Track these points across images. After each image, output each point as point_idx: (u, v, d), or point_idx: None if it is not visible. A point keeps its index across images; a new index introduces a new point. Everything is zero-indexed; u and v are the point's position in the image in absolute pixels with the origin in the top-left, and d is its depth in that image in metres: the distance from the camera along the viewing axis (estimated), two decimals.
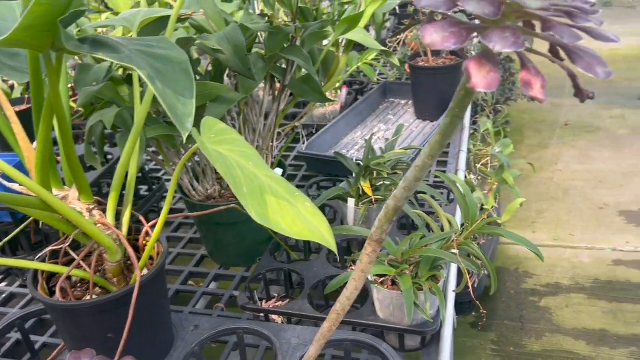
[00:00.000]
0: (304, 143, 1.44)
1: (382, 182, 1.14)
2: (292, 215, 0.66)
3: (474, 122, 1.99)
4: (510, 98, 2.92)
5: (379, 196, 1.11)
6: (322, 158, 1.44)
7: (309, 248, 1.13)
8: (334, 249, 0.63)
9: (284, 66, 1.07)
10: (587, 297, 2.20)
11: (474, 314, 2.17)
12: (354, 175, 1.13)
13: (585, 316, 2.10)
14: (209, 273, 1.16)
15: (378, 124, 1.82)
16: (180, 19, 0.93)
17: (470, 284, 0.89)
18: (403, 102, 1.96)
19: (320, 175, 1.47)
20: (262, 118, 1.09)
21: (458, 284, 1.02)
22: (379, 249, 0.62)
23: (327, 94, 1.77)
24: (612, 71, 0.40)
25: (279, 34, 0.97)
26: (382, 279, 0.89)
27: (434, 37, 0.42)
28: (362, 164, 1.13)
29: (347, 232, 0.94)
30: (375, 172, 1.13)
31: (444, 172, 1.51)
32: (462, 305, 2.13)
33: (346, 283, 1.01)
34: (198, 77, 1.01)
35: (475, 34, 0.47)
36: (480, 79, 0.44)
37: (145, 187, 1.43)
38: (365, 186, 1.06)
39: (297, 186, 1.47)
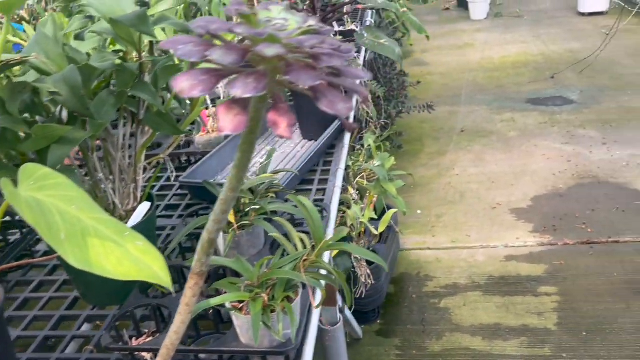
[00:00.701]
0: (172, 172, 1.45)
1: (250, 207, 1.17)
2: (119, 255, 0.66)
3: (360, 138, 2.08)
4: (402, 111, 3.06)
5: (246, 221, 1.14)
6: (201, 186, 1.44)
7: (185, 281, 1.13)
8: (168, 285, 0.64)
9: None
10: (483, 294, 2.33)
11: (379, 321, 2.24)
12: None
13: (481, 312, 2.23)
14: (81, 315, 1.13)
15: (266, 146, 1.85)
16: (16, 63, 0.91)
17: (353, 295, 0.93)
18: None
19: (204, 202, 1.48)
20: (120, 153, 1.09)
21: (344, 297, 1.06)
22: (201, 282, 0.64)
23: (210, 121, 1.78)
24: (364, 104, 0.45)
25: (125, 70, 0.98)
26: (241, 305, 0.91)
27: (183, 85, 0.45)
28: None
29: (210, 262, 0.95)
30: (241, 198, 1.16)
31: (325, 189, 1.56)
32: (367, 315, 2.19)
33: (208, 309, 1.02)
34: (43, 119, 0.99)
35: (225, 80, 0.50)
36: (227, 122, 0.48)
37: (17, 232, 1.37)
38: (229, 213, 1.08)
39: (179, 215, 1.47)
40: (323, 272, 0.95)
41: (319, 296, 1.10)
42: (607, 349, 1.98)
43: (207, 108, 1.84)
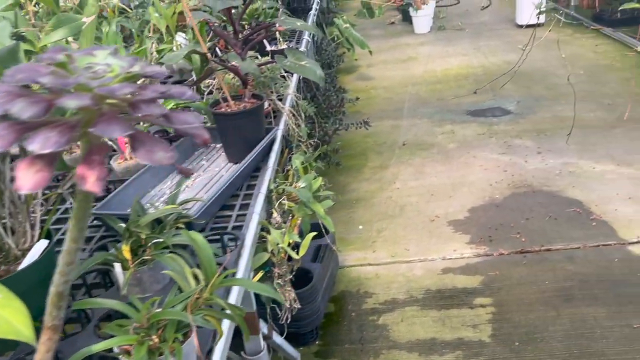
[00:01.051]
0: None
1: (153, 241, 1.13)
2: None
3: (291, 159, 2.08)
4: (339, 128, 3.08)
5: (148, 257, 1.10)
6: (110, 217, 1.40)
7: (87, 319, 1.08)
8: (30, 340, 0.60)
9: None
10: (420, 308, 2.35)
11: (317, 342, 2.22)
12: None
13: (418, 327, 2.24)
14: None
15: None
16: None
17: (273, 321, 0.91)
18: (219, 146, 1.98)
19: (118, 234, 1.43)
20: (9, 189, 1.04)
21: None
22: (55, 336, 0.60)
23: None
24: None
25: None
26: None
27: None
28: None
29: (90, 305, 0.91)
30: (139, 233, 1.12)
31: (245, 214, 1.54)
32: (304, 336, 2.17)
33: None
34: None
35: (29, 133, 0.47)
36: (26, 181, 0.45)
37: None
38: (125, 249, 1.04)
39: (98, 248, 1.42)
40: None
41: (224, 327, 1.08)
42: (538, 358, 2.02)
43: None
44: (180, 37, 2.60)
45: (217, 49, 2.28)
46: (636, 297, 2.24)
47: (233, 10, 1.94)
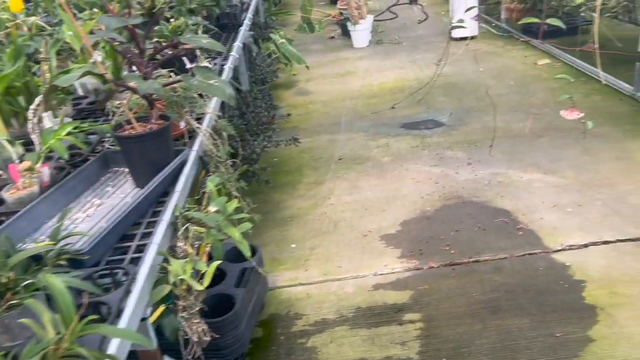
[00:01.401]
0: None
1: (23, 283, 1.03)
2: None
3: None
4: (268, 146, 3.02)
5: (17, 299, 1.00)
6: None
7: None
8: None
9: None
10: (350, 327, 2.30)
11: None
12: None
13: (347, 348, 2.19)
14: None
15: (93, 199, 1.71)
16: None
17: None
18: (127, 170, 1.88)
19: None
20: None
21: None
22: None
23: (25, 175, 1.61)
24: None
25: None
26: None
27: None
28: None
29: None
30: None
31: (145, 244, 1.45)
32: None
33: None
34: None
35: None
36: None
37: None
38: None
39: None
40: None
41: None
42: None
43: (20, 161, 1.67)
44: (98, 56, 2.49)
45: (127, 68, 2.18)
46: (559, 305, 2.28)
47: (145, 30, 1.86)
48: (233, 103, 1.80)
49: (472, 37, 6.56)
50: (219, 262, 1.47)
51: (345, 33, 7.29)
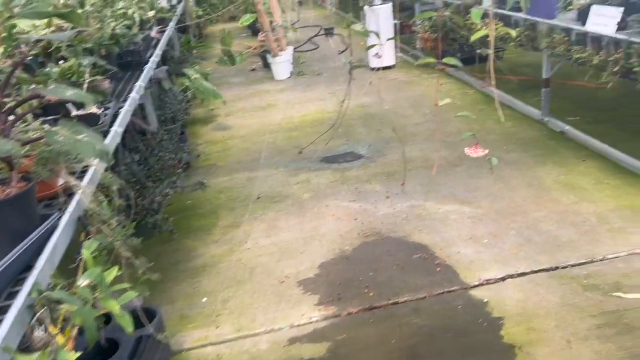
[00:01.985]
0: None
1: None
2: None
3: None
4: (169, 194, 2.82)
5: None
6: None
7: None
8: None
9: None
10: None
11: None
12: None
13: None
14: None
15: None
16: None
17: None
18: None
19: None
20: None
21: None
22: None
23: None
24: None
25: None
26: None
27: None
28: None
29: None
30: None
31: None
32: None
33: None
34: None
35: None
36: None
37: None
38: None
39: None
40: None
41: None
42: None
43: None
44: None
45: None
46: (478, 347, 2.21)
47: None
48: (106, 160, 1.61)
49: (391, 67, 6.69)
50: (77, 354, 1.27)
51: (267, 65, 7.22)
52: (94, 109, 2.41)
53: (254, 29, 9.00)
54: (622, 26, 3.35)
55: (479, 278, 2.62)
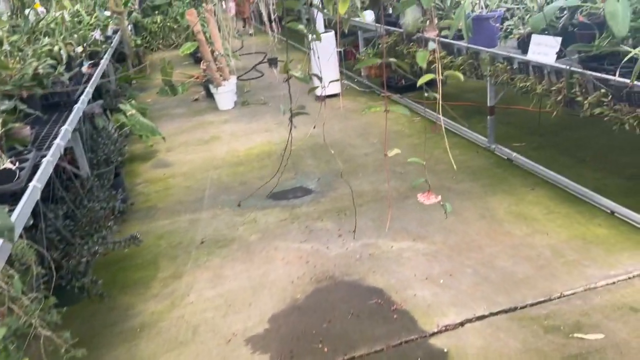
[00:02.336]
0: None
1: None
2: None
3: None
4: (98, 252, 2.56)
5: None
6: None
7: None
8: None
9: None
10: None
11: None
12: None
13: None
14: None
15: None
16: None
17: None
18: None
19: None
20: None
21: None
22: None
23: None
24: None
25: None
26: None
27: None
28: None
29: None
30: None
31: None
32: None
33: None
34: None
35: None
36: None
37: None
38: None
39: None
40: None
41: None
42: None
43: None
44: None
45: None
46: None
47: None
48: (11, 238, 1.37)
49: (336, 95, 6.61)
50: None
51: (210, 95, 7.01)
52: (7, 164, 2.14)
53: (196, 57, 8.78)
54: (560, 55, 3.39)
55: (438, 324, 2.49)
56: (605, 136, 4.25)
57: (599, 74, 2.96)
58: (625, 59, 2.69)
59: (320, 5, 2.86)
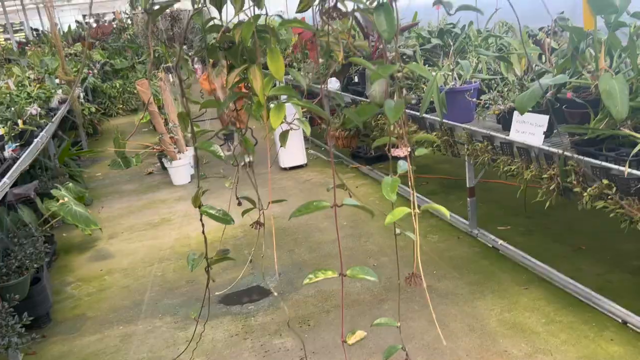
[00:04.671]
0: None
1: None
2: None
3: None
4: None
5: None
6: None
7: None
8: None
9: None
10: None
11: None
12: None
13: None
14: None
15: None
16: None
17: None
18: None
19: None
20: None
21: None
22: None
23: None
24: None
25: None
26: None
27: None
28: None
29: None
30: None
31: None
32: None
33: None
34: None
35: None
36: None
37: None
38: None
39: None
40: None
41: None
42: None
43: None
44: None
45: None
46: None
47: None
48: None
49: (302, 166, 6.14)
50: None
51: (166, 167, 6.45)
52: None
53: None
54: (549, 134, 2.98)
55: None
56: (600, 217, 3.78)
57: (598, 162, 2.53)
58: (636, 149, 2.25)
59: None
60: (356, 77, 5.42)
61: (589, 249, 3.46)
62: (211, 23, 1.32)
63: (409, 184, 1.22)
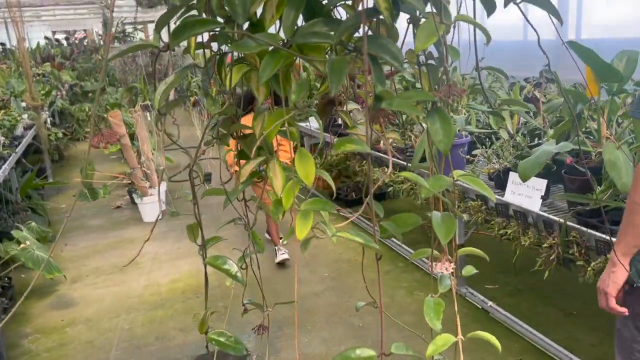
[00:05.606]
0: None
1: None
2: None
3: None
4: None
5: None
6: None
7: None
8: None
9: None
10: None
11: None
12: None
13: None
14: None
15: None
16: None
17: None
18: None
19: None
20: None
21: None
22: None
23: None
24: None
25: None
26: None
27: None
28: None
29: None
30: None
31: None
32: None
33: None
34: None
35: None
36: None
37: None
38: None
39: None
40: None
41: None
42: None
43: None
44: None
45: None
46: None
47: None
48: None
49: None
50: None
51: (135, 201, 6.14)
52: None
53: None
54: (546, 198, 2.89)
55: None
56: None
57: (604, 236, 2.43)
58: None
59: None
60: (339, 119, 5.30)
61: (582, 314, 3.36)
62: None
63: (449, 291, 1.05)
